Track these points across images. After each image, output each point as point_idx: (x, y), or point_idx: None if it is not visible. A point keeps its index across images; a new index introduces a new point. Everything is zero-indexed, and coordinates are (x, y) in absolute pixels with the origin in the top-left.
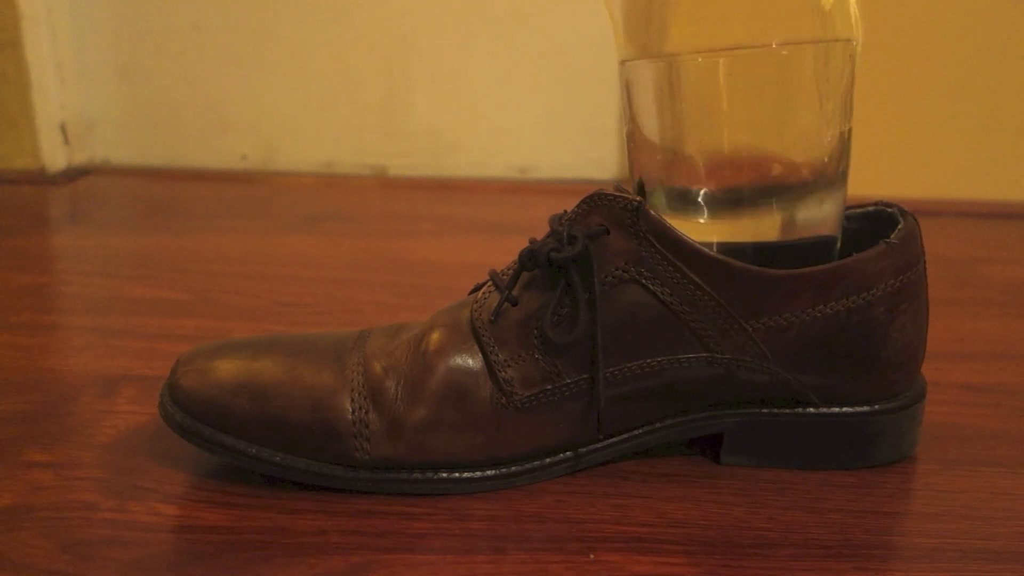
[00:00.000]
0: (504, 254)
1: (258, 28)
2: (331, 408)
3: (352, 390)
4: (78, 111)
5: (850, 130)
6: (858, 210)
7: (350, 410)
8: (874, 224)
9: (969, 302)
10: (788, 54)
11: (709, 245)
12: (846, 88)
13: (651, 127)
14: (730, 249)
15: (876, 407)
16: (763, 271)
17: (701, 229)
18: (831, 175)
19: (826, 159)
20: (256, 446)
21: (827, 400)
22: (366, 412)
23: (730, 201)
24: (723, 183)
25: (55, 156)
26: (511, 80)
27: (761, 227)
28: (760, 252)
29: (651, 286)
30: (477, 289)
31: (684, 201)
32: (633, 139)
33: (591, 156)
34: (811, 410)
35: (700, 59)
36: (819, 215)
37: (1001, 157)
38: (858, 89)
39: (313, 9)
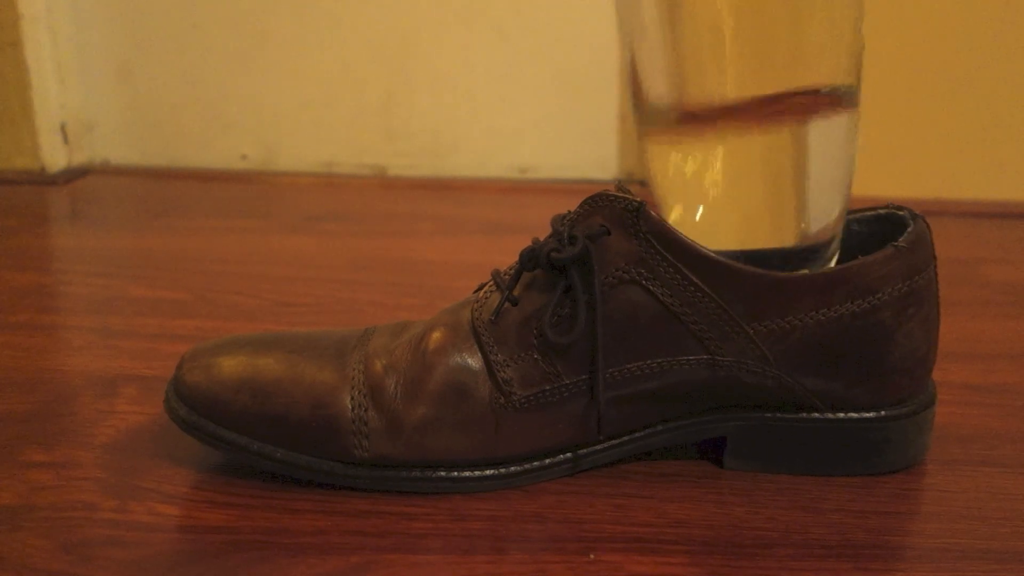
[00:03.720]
0: (504, 254)
1: (258, 28)
2: (331, 405)
3: (352, 388)
4: (78, 111)
5: (862, 52)
6: (869, 213)
7: (350, 408)
8: (884, 227)
9: (969, 302)
10: None
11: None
12: (858, 31)
13: (654, 71)
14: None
15: (883, 413)
16: (764, 273)
17: (715, 233)
18: (845, 100)
19: (842, 81)
20: (257, 442)
21: (832, 405)
22: (366, 410)
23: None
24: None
25: (55, 156)
26: (511, 80)
27: (776, 232)
28: (762, 257)
29: (651, 287)
30: (481, 289)
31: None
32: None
33: (591, 156)
34: (816, 415)
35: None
36: (825, 220)
37: (1001, 157)
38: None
39: (313, 9)
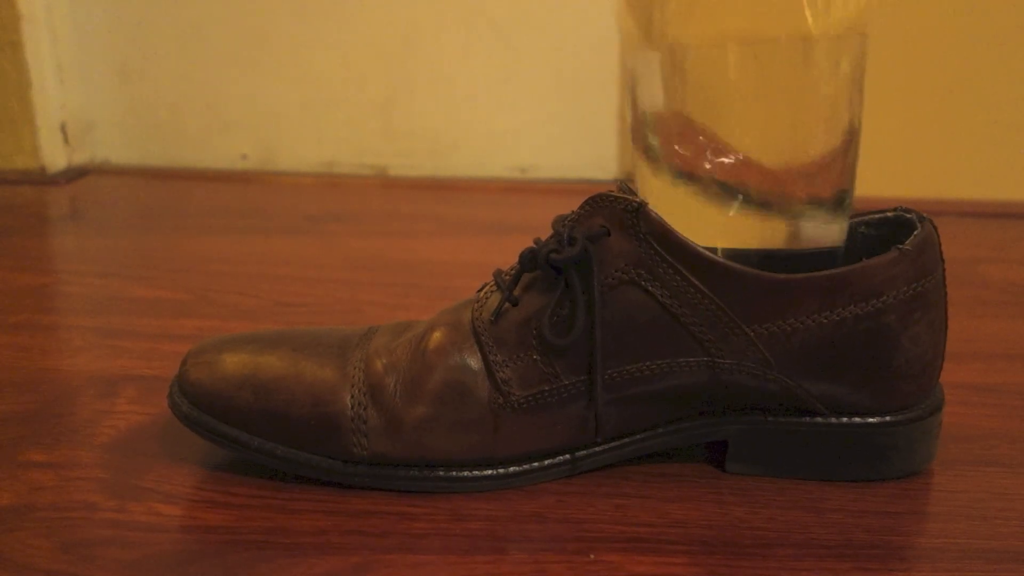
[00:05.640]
0: (504, 254)
1: (258, 28)
2: (331, 403)
3: (352, 386)
4: (78, 111)
5: (858, 132)
6: (876, 215)
7: (350, 406)
8: (892, 230)
9: (969, 302)
10: (798, 48)
11: (713, 251)
12: (857, 85)
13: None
14: (735, 255)
15: (887, 419)
16: (765, 275)
17: (706, 230)
18: (839, 184)
19: (834, 165)
20: (258, 439)
21: (835, 410)
22: (365, 408)
23: (735, 193)
24: (730, 177)
25: (55, 156)
26: (511, 80)
27: (767, 233)
28: (765, 260)
29: (651, 288)
30: (483, 289)
31: (690, 179)
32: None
33: (591, 156)
34: (819, 420)
35: (708, 51)
36: (824, 228)
37: (1001, 157)
38: None
39: (313, 9)
